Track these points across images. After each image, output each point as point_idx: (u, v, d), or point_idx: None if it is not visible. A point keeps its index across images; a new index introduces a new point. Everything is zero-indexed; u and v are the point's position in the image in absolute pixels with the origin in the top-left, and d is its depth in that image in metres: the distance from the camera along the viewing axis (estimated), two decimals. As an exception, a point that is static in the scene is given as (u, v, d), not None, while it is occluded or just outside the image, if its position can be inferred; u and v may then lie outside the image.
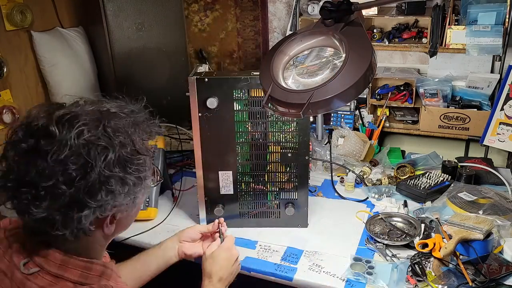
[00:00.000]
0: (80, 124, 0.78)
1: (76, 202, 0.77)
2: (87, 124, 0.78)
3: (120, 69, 1.97)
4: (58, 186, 0.76)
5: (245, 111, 1.38)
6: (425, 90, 1.97)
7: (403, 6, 1.91)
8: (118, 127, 0.81)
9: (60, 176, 0.75)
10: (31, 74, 1.93)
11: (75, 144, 0.76)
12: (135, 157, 0.83)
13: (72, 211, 0.78)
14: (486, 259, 1.29)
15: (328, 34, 1.03)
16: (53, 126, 0.77)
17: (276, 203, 1.50)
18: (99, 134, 0.78)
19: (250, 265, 1.35)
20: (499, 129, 1.80)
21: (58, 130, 0.77)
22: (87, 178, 0.77)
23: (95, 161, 0.77)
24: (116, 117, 0.83)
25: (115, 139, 0.80)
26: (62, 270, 0.82)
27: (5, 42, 1.80)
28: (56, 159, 0.75)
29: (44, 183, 0.76)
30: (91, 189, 0.77)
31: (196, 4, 2.36)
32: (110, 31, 1.91)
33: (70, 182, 0.76)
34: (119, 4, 1.90)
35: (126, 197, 0.83)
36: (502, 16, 1.75)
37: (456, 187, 1.63)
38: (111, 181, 0.79)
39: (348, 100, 0.97)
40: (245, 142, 1.42)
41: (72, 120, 0.78)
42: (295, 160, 1.43)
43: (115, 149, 0.79)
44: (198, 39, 2.42)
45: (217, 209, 1.47)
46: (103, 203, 0.80)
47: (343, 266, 1.32)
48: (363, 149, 1.92)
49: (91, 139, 0.77)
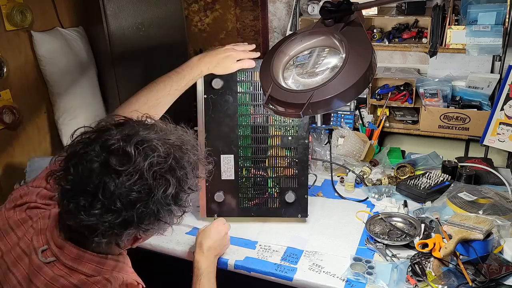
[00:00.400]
0: (154, 154, 0.82)
1: (126, 223, 0.82)
2: (160, 156, 0.83)
3: (120, 69, 1.97)
4: (116, 205, 0.80)
5: (248, 93, 1.43)
6: (425, 90, 1.97)
7: (403, 6, 1.91)
8: (182, 164, 0.87)
9: (122, 198, 0.80)
10: (31, 74, 1.93)
11: (144, 171, 0.81)
12: (186, 193, 0.89)
13: (119, 227, 0.83)
14: (486, 259, 1.29)
15: (328, 34, 1.04)
16: (131, 148, 0.81)
17: (277, 191, 1.50)
18: (166, 167, 0.84)
19: (250, 265, 1.35)
20: (499, 129, 1.80)
21: (135, 154, 0.81)
22: (146, 206, 0.82)
23: (157, 192, 0.82)
24: (181, 153, 0.88)
25: (177, 174, 0.85)
26: (76, 263, 0.87)
27: (5, 42, 1.80)
28: (125, 181, 0.79)
29: (104, 198, 0.80)
30: (143, 214, 0.83)
31: (196, 4, 2.36)
32: (110, 31, 1.90)
33: (130, 206, 0.81)
34: (119, 4, 1.90)
35: (166, 226, 0.90)
36: (502, 16, 1.75)
37: (456, 187, 1.63)
38: (162, 212, 0.85)
39: (348, 100, 0.97)
40: (247, 125, 1.45)
41: (148, 148, 0.83)
42: (295, 143, 1.46)
43: (175, 185, 0.85)
44: (198, 39, 2.42)
45: (218, 194, 1.48)
46: (148, 228, 0.86)
47: (343, 266, 1.32)
48: (363, 149, 1.92)
49: (159, 171, 0.82)
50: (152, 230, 0.88)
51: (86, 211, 0.80)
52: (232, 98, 1.43)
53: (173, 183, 0.84)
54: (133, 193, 0.80)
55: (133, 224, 0.83)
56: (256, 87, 1.42)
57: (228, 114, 1.45)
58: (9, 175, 1.84)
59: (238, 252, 1.41)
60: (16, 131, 1.88)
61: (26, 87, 1.91)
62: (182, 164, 0.87)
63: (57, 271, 0.86)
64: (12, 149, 1.87)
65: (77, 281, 0.85)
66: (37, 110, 1.97)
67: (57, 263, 0.87)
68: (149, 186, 0.81)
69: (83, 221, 0.81)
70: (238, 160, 1.48)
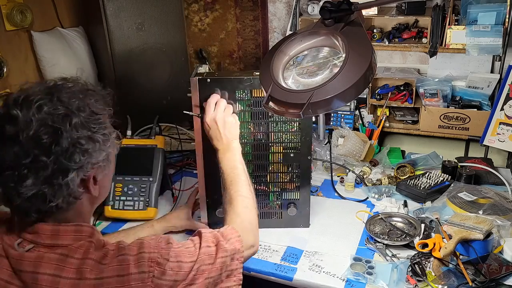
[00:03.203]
0: (36, 100, 0.84)
1: (59, 169, 0.83)
2: (42, 99, 0.84)
3: (120, 69, 1.97)
4: (38, 159, 0.81)
5: (248, 111, 1.38)
6: (425, 90, 1.97)
7: (403, 6, 1.91)
8: (69, 96, 0.88)
9: (36, 150, 0.81)
10: (31, 74, 1.93)
11: (39, 118, 0.82)
12: (94, 117, 0.89)
13: (58, 178, 0.84)
14: (486, 259, 1.29)
15: (328, 34, 1.03)
16: (13, 109, 0.83)
17: (278, 204, 1.49)
18: (56, 105, 0.85)
19: (250, 265, 1.35)
20: (499, 129, 1.80)
21: (19, 111, 0.83)
22: (61, 143, 0.83)
23: (62, 127, 0.83)
24: (64, 88, 0.89)
25: (72, 105, 0.86)
26: (55, 239, 0.88)
27: (5, 42, 1.80)
28: (27, 136, 0.81)
29: (24, 161, 0.81)
30: (67, 153, 0.83)
31: (196, 4, 2.36)
32: (110, 31, 1.91)
33: (47, 151, 0.82)
34: (119, 4, 1.90)
35: (100, 154, 0.90)
36: (502, 16, 1.75)
37: (456, 187, 1.63)
38: (81, 141, 0.85)
39: (348, 100, 0.97)
40: (247, 142, 1.42)
41: (27, 99, 0.84)
42: (297, 160, 1.43)
43: (75, 114, 0.86)
44: (198, 39, 2.42)
45: (219, 210, 1.46)
46: (83, 163, 0.86)
47: (343, 266, 1.32)
48: (363, 149, 1.92)
49: (51, 110, 0.84)
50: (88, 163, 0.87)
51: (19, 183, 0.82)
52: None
53: (72, 113, 0.85)
54: (41, 139, 0.81)
55: (65, 166, 0.84)
56: (256, 104, 1.36)
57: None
58: (9, 175, 1.84)
59: (238, 252, 1.41)
60: (16, 131, 1.88)
61: (26, 87, 1.91)
62: (71, 95, 0.88)
63: (39, 252, 0.87)
64: (12, 149, 1.87)
65: (61, 250, 0.87)
66: (37, 110, 1.97)
67: (37, 247, 0.88)
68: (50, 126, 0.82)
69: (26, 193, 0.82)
70: None
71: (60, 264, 0.85)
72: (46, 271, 0.85)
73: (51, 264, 0.85)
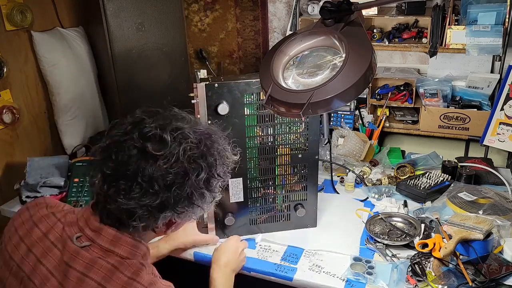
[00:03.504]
0: (187, 141, 0.90)
1: (162, 205, 0.88)
2: (193, 143, 0.91)
3: (120, 69, 1.97)
4: (153, 187, 0.86)
5: (255, 115, 1.35)
6: (425, 90, 1.97)
7: (403, 6, 1.91)
8: (211, 151, 0.94)
9: (160, 180, 0.86)
10: (31, 74, 1.93)
11: (181, 158, 0.88)
12: (215, 178, 0.95)
13: (155, 210, 0.88)
14: (486, 259, 1.29)
15: (328, 34, 1.03)
16: (167, 135, 0.88)
17: (286, 205, 1.48)
18: (198, 154, 0.91)
19: (250, 265, 1.35)
20: (499, 129, 1.80)
21: (170, 140, 0.88)
22: (180, 187, 0.88)
23: (191, 175, 0.89)
24: (211, 141, 0.96)
25: (208, 161, 0.92)
26: (112, 245, 0.91)
27: (5, 42, 1.79)
28: (162, 165, 0.86)
29: (142, 181, 0.86)
30: (178, 197, 0.89)
31: (196, 4, 2.36)
32: (110, 31, 1.90)
33: (167, 187, 0.87)
34: (119, 4, 1.90)
35: (199, 210, 0.95)
36: (502, 16, 1.75)
37: (456, 187, 1.63)
38: (196, 194, 0.91)
39: (348, 100, 0.97)
40: (255, 146, 1.39)
41: (181, 135, 0.90)
42: (305, 160, 1.43)
43: (205, 170, 0.92)
44: (198, 39, 2.42)
45: (228, 218, 1.43)
46: (182, 212, 0.92)
47: (343, 266, 1.32)
48: (363, 149, 1.92)
49: (192, 157, 0.89)
50: (186, 213, 0.93)
51: (125, 194, 0.86)
52: (239, 121, 1.34)
53: (205, 168, 0.91)
54: (169, 175, 0.86)
55: (169, 206, 0.88)
56: (263, 107, 1.34)
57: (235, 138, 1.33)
58: (9, 175, 1.84)
59: (238, 252, 1.42)
60: (16, 131, 1.88)
61: (26, 87, 1.91)
62: (212, 151, 0.94)
63: (93, 253, 0.89)
64: (12, 149, 1.87)
65: (114, 261, 0.89)
66: (37, 110, 1.97)
67: (93, 247, 0.90)
68: (184, 169, 0.88)
69: (123, 204, 0.86)
70: (246, 182, 1.42)
71: (109, 275, 0.87)
72: (95, 277, 0.87)
73: (101, 272, 0.88)
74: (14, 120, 1.84)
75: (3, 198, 1.79)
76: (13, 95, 1.84)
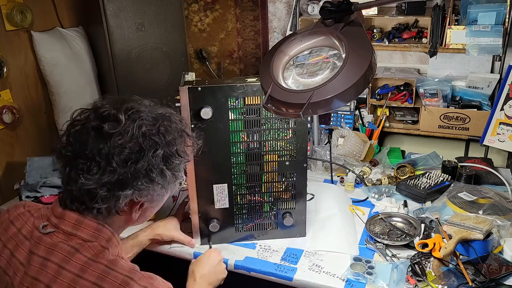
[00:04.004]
0: (142, 118, 0.92)
1: (121, 182, 0.89)
2: (148, 120, 0.93)
3: (120, 69, 1.97)
4: (111, 164, 0.88)
5: (241, 120, 1.31)
6: (425, 90, 1.97)
7: (403, 6, 1.91)
8: (168, 130, 0.95)
9: (116, 156, 0.88)
10: (31, 74, 1.93)
11: (135, 134, 0.90)
12: (176, 157, 0.96)
13: (115, 188, 0.89)
14: (486, 259, 1.29)
15: (328, 34, 1.03)
16: (121, 114, 0.90)
17: (273, 214, 1.44)
18: (154, 131, 0.92)
19: (250, 265, 1.35)
20: (499, 129, 1.80)
21: (124, 118, 0.90)
22: (137, 163, 0.89)
23: (147, 151, 0.90)
24: (169, 121, 0.97)
25: (165, 138, 0.94)
26: (75, 229, 0.92)
27: (5, 42, 1.79)
28: (117, 141, 0.88)
29: (100, 159, 0.88)
30: (137, 173, 0.90)
31: (196, 4, 2.36)
32: (110, 31, 1.90)
33: (123, 163, 0.88)
34: (119, 4, 1.90)
35: (160, 189, 0.95)
36: (502, 16, 1.75)
37: (456, 187, 1.63)
38: (154, 171, 0.92)
39: (348, 100, 0.97)
40: (240, 152, 1.35)
41: (137, 114, 0.92)
42: (293, 168, 1.39)
43: (163, 146, 0.93)
44: (198, 39, 2.42)
45: (212, 224, 1.41)
46: (143, 188, 0.92)
47: (343, 266, 1.32)
48: (363, 149, 1.92)
49: (148, 133, 0.91)
50: (147, 191, 0.93)
51: (85, 174, 0.88)
52: (223, 125, 1.30)
53: (162, 144, 0.92)
54: (125, 150, 0.88)
55: (128, 183, 0.89)
56: (250, 112, 1.30)
57: (219, 143, 1.32)
58: (9, 175, 1.84)
59: (238, 252, 1.42)
60: (16, 131, 1.88)
61: (26, 87, 1.91)
62: (170, 130, 0.96)
63: (55, 238, 0.92)
64: (12, 149, 1.87)
65: (74, 244, 0.91)
66: (37, 110, 1.97)
67: (57, 233, 0.92)
68: (140, 145, 0.89)
69: (83, 185, 0.88)
70: (232, 188, 1.38)
71: (68, 256, 0.89)
72: (55, 260, 0.89)
73: (61, 254, 0.89)
74: (14, 120, 1.84)
75: (3, 198, 1.79)
76: (13, 95, 1.85)
